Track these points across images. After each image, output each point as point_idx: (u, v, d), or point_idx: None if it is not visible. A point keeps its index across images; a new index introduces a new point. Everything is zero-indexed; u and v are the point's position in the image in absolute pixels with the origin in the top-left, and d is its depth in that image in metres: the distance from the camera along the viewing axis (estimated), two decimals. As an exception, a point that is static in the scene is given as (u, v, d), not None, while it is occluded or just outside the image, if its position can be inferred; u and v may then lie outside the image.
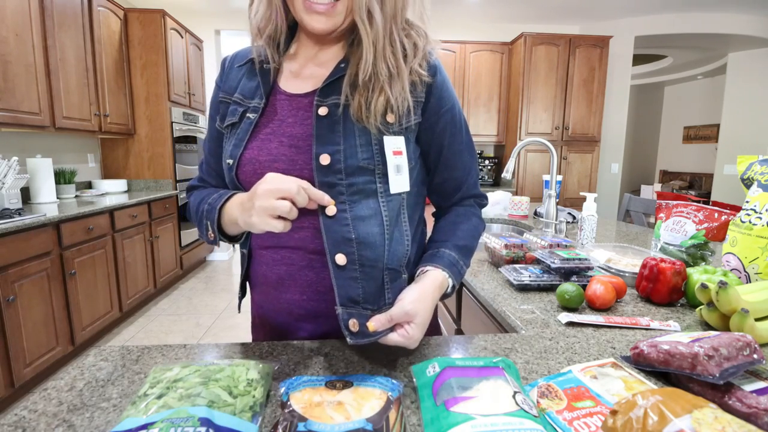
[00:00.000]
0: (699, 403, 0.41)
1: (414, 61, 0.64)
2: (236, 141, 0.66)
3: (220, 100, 0.72)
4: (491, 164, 4.39)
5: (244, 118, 0.67)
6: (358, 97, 0.61)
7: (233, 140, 0.66)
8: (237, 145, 0.65)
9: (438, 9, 4.14)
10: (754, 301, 0.72)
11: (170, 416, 0.43)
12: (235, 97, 0.69)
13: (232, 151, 0.66)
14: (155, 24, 3.44)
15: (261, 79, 0.67)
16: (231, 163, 0.66)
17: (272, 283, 0.69)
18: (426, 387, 0.51)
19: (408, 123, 0.65)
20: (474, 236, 0.73)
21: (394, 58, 0.62)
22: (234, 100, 0.69)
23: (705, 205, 1.23)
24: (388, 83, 0.62)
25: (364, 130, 0.62)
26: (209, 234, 0.66)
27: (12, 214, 1.99)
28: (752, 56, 4.97)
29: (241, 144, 0.65)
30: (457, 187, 0.74)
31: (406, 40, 0.64)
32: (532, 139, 1.68)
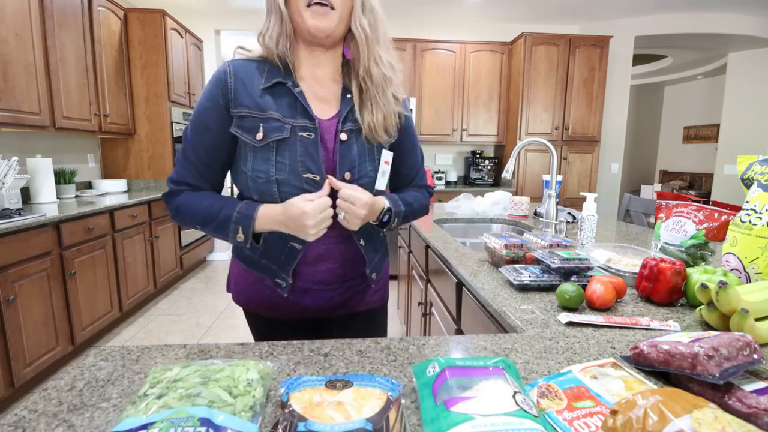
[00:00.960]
0: (699, 403, 0.41)
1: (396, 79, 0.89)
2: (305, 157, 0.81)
3: (242, 115, 0.81)
4: (491, 164, 4.39)
5: (297, 137, 0.81)
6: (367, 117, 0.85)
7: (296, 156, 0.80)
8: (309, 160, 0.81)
9: (438, 9, 4.14)
10: (754, 301, 0.72)
11: (170, 416, 0.43)
12: (270, 114, 0.81)
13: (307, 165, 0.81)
14: (155, 24, 3.44)
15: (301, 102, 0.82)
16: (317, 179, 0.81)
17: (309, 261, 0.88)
18: (426, 387, 0.51)
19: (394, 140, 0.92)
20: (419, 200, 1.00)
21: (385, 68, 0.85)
22: (271, 117, 0.80)
23: (705, 205, 1.23)
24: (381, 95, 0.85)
25: (370, 147, 0.87)
26: (238, 236, 0.81)
27: (12, 214, 1.99)
28: (752, 56, 4.97)
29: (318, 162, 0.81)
30: (410, 181, 1.03)
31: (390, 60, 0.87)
32: (532, 139, 1.68)
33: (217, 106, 0.81)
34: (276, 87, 0.82)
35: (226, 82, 0.81)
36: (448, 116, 4.24)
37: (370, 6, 0.83)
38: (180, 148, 0.85)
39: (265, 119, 0.80)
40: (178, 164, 0.84)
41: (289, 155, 0.80)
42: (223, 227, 0.81)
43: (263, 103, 0.81)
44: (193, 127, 0.83)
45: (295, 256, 0.86)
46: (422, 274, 1.86)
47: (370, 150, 0.87)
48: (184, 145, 0.84)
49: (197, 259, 4.12)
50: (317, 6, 0.76)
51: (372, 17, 0.83)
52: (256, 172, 0.81)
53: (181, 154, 0.84)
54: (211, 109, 0.82)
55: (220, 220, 0.81)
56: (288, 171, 0.80)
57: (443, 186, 4.27)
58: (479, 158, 4.38)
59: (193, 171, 0.84)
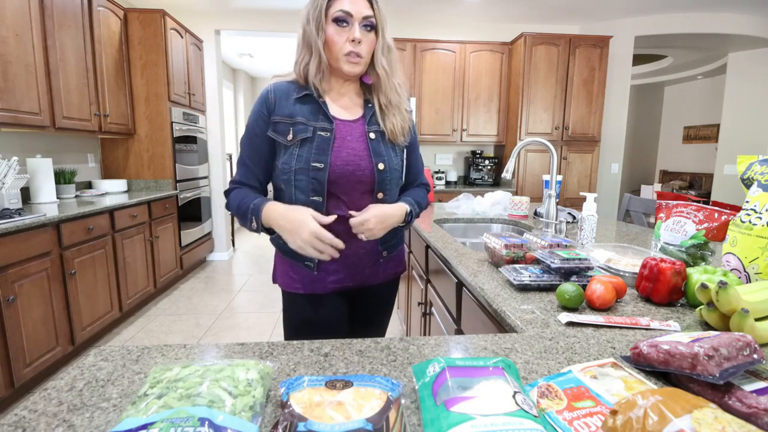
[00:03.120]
0: (699, 403, 0.41)
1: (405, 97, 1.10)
2: (317, 151, 0.98)
3: (276, 122, 1.00)
4: (491, 164, 4.39)
5: (317, 134, 0.99)
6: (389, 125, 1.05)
7: (311, 150, 0.98)
8: (321, 154, 0.98)
9: (438, 9, 4.14)
10: (754, 301, 0.72)
11: (170, 416, 0.43)
12: (298, 119, 0.99)
13: (318, 158, 0.98)
14: (155, 24, 3.44)
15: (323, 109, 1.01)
16: (322, 166, 0.97)
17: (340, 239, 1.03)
18: (426, 387, 0.51)
19: (407, 143, 1.12)
20: (422, 196, 1.19)
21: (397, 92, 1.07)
22: (299, 121, 0.99)
23: (705, 205, 1.23)
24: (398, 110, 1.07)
25: (393, 147, 1.07)
26: (252, 225, 0.99)
27: (12, 214, 1.99)
28: (752, 56, 4.97)
29: (326, 153, 0.98)
30: (414, 180, 1.22)
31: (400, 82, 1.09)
32: (532, 139, 1.68)
33: (262, 117, 1.02)
34: (305, 97, 1.02)
35: (269, 98, 1.02)
36: (448, 116, 4.24)
37: (387, 47, 1.04)
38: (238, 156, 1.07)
39: (294, 123, 0.99)
40: (237, 167, 1.07)
41: (306, 150, 0.98)
42: (245, 217, 1.00)
43: (293, 111, 1.00)
44: (247, 136, 1.05)
45: None
46: (422, 274, 1.86)
47: (394, 148, 1.07)
48: (241, 153, 1.06)
49: (197, 259, 4.12)
50: (353, 56, 0.97)
51: (389, 56, 1.04)
52: (283, 165, 1.00)
53: (239, 160, 1.07)
54: (258, 120, 1.02)
55: (243, 211, 1.01)
56: (303, 162, 0.98)
57: (443, 186, 4.27)
58: (479, 158, 4.38)
59: (246, 172, 1.06)
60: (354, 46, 0.96)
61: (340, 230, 1.00)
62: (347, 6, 0.95)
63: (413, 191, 1.19)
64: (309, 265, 1.06)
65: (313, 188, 0.98)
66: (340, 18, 0.95)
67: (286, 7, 4.07)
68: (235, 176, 1.08)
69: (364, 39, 0.97)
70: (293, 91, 1.02)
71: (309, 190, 0.99)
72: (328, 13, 0.96)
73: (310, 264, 1.05)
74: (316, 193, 0.99)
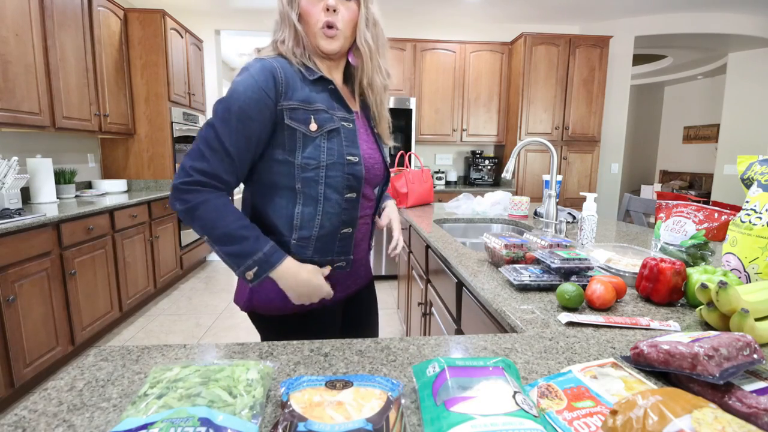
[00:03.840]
0: (699, 403, 0.41)
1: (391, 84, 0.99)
2: (348, 142, 0.89)
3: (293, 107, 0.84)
4: (491, 164, 4.39)
5: (341, 125, 0.88)
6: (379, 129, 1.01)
7: (341, 141, 0.88)
8: (352, 146, 0.89)
9: (438, 9, 4.14)
10: (754, 301, 0.72)
11: (170, 416, 0.43)
12: (318, 106, 0.86)
13: (350, 150, 0.88)
14: (155, 24, 3.44)
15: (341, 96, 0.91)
16: (357, 159, 0.89)
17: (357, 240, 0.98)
18: (426, 387, 0.51)
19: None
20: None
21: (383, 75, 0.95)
22: (319, 108, 0.86)
23: (705, 205, 1.23)
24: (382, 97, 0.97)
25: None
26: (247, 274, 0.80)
27: (12, 214, 1.99)
28: (752, 56, 4.97)
29: (356, 146, 0.90)
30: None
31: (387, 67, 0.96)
32: (532, 139, 1.68)
33: (264, 98, 0.81)
34: (319, 81, 0.89)
35: (276, 78, 0.83)
36: (448, 116, 4.24)
37: (373, 19, 0.91)
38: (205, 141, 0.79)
39: (315, 111, 0.86)
40: (209, 153, 0.79)
41: (336, 142, 0.87)
42: (239, 257, 0.80)
43: (310, 96, 0.86)
44: (235, 119, 0.79)
45: (351, 239, 0.95)
46: (422, 274, 1.86)
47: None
48: (218, 137, 0.79)
49: (197, 259, 4.12)
50: (330, 29, 0.85)
51: (375, 30, 0.92)
52: (306, 159, 0.85)
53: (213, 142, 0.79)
54: (258, 101, 0.81)
55: (240, 249, 0.79)
56: (336, 156, 0.87)
57: (443, 186, 4.27)
58: (479, 158, 4.38)
59: (227, 164, 0.80)
60: (329, 15, 0.84)
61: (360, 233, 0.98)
62: None
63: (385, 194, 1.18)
64: (342, 266, 0.95)
65: (348, 185, 0.88)
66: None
67: (286, 7, 4.07)
68: (201, 165, 0.78)
69: (342, 8, 0.85)
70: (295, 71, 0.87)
71: (344, 187, 0.88)
72: None
73: (342, 264, 0.94)
74: (352, 189, 0.89)
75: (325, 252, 0.91)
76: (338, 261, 0.94)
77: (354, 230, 0.94)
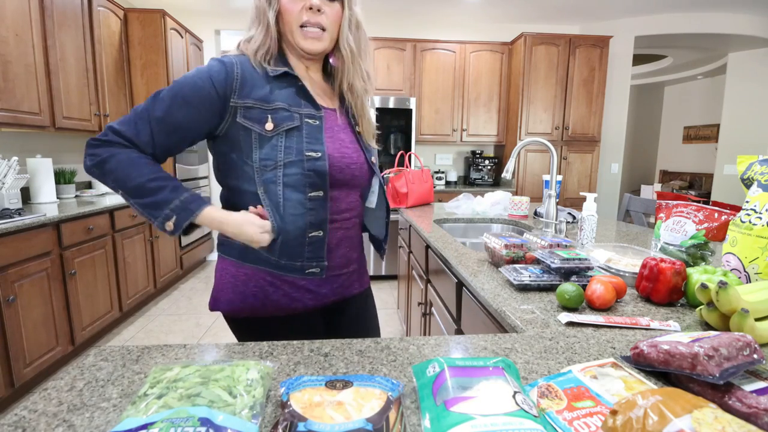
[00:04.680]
0: (699, 403, 0.41)
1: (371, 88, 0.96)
2: (310, 139, 0.84)
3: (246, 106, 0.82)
4: (491, 164, 4.39)
5: (304, 122, 0.85)
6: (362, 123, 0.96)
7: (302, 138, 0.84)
8: (314, 143, 0.84)
9: (438, 9, 4.13)
10: (754, 301, 0.72)
11: (170, 416, 0.43)
12: (278, 105, 0.83)
13: (311, 147, 0.84)
14: (155, 24, 3.44)
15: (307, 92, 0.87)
16: (318, 155, 0.84)
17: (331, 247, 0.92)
18: (426, 387, 0.51)
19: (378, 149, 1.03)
20: None
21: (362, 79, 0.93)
22: (279, 107, 0.83)
23: (705, 205, 1.23)
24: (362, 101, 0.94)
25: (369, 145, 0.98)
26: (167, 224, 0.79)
27: (12, 214, 1.99)
28: (752, 56, 4.96)
29: (320, 142, 0.85)
30: None
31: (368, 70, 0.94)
32: (532, 139, 1.68)
33: (208, 90, 0.80)
34: (284, 77, 0.86)
35: (232, 73, 0.81)
36: (448, 116, 4.24)
37: (356, 21, 0.89)
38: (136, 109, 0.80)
39: (274, 110, 0.83)
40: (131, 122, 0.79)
41: (296, 140, 0.83)
42: (155, 208, 0.78)
43: (271, 95, 0.83)
44: (172, 97, 0.79)
45: (322, 243, 0.88)
46: (422, 274, 1.86)
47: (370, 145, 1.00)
48: (148, 109, 0.79)
49: (197, 259, 4.12)
50: (311, 28, 0.83)
51: (357, 33, 0.90)
52: (264, 161, 0.83)
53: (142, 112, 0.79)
54: (202, 88, 0.80)
55: (155, 199, 0.78)
56: (294, 153, 0.83)
57: (443, 186, 4.27)
58: (479, 158, 4.38)
59: (145, 135, 0.79)
60: (311, 15, 0.82)
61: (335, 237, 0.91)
62: None
63: None
64: (314, 272, 0.88)
65: (311, 182, 0.83)
66: None
67: (286, 7, 4.07)
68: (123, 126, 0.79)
69: (326, 8, 0.83)
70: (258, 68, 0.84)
71: (305, 185, 0.83)
72: None
73: (316, 271, 0.88)
74: (316, 187, 0.84)
75: (293, 256, 0.86)
76: (309, 267, 0.88)
77: (325, 234, 0.88)
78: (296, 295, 0.89)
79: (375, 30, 4.26)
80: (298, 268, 0.87)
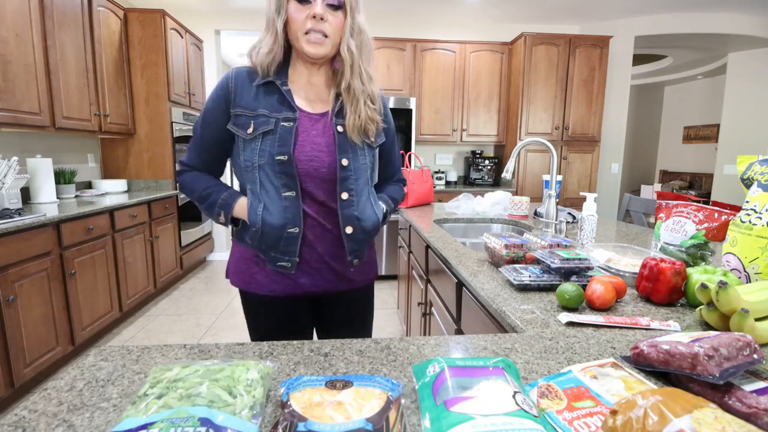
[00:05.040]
0: (699, 403, 0.41)
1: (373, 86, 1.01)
2: (281, 142, 0.92)
3: (237, 114, 0.95)
4: (491, 164, 4.39)
5: (279, 126, 0.93)
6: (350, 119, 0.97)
7: (275, 142, 0.92)
8: (283, 146, 0.92)
9: (438, 9, 4.14)
10: (754, 301, 0.72)
11: (170, 416, 0.43)
12: (260, 111, 0.94)
13: (280, 150, 0.92)
14: (155, 24, 3.44)
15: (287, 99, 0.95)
16: (285, 158, 0.92)
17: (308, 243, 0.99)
18: (426, 387, 0.51)
19: (378, 143, 1.06)
20: (399, 194, 1.20)
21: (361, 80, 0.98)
22: (260, 114, 0.94)
23: (705, 205, 1.23)
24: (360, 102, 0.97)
25: (362, 144, 1.00)
26: (220, 218, 0.99)
27: (12, 214, 1.99)
28: (752, 56, 4.96)
29: (288, 145, 0.92)
30: (393, 174, 1.21)
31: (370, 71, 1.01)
32: (532, 139, 1.68)
33: (219, 106, 0.97)
34: (268, 85, 0.96)
35: (228, 87, 0.96)
36: (448, 116, 4.24)
37: (358, 28, 0.95)
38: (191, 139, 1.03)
39: (256, 116, 0.94)
40: (188, 151, 1.04)
41: (269, 143, 0.93)
42: (211, 208, 1.00)
43: (255, 103, 0.95)
44: (201, 123, 1.00)
45: (296, 239, 0.97)
46: (422, 274, 1.86)
47: (363, 147, 1.01)
48: (194, 137, 1.02)
49: (197, 259, 4.12)
50: (314, 35, 0.90)
51: (359, 38, 0.96)
52: (246, 162, 0.95)
53: (191, 143, 1.03)
54: (214, 109, 0.97)
55: (209, 202, 1.00)
56: (267, 156, 0.93)
57: (443, 186, 4.27)
58: (479, 158, 4.38)
59: (197, 158, 1.03)
60: (315, 23, 0.89)
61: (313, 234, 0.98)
62: None
63: (389, 188, 1.19)
64: (284, 266, 0.98)
65: (283, 183, 0.93)
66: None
67: (286, 7, 4.07)
68: (185, 157, 1.04)
69: (329, 17, 0.90)
70: (255, 78, 0.95)
71: (279, 186, 0.93)
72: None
73: (286, 264, 0.98)
74: (288, 187, 0.93)
75: (270, 247, 0.97)
76: (281, 260, 0.97)
77: (300, 230, 0.96)
78: (276, 278, 1.00)
79: (375, 30, 4.25)
80: (272, 259, 0.98)
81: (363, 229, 1.01)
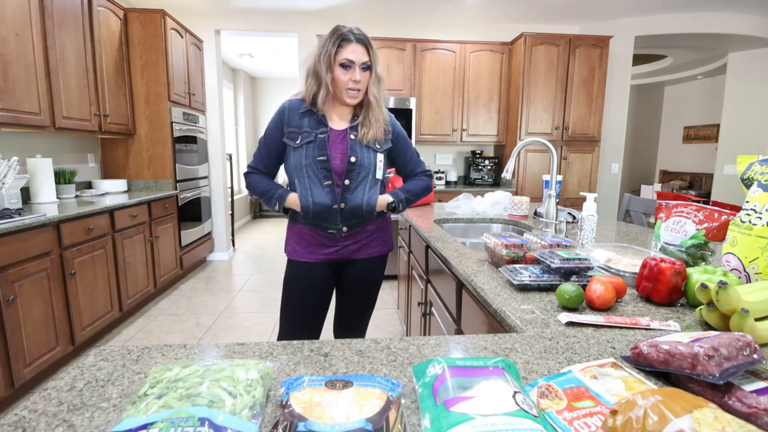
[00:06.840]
0: (699, 403, 0.41)
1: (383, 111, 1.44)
2: (320, 148, 1.34)
3: (289, 132, 1.37)
4: (491, 164, 4.39)
5: (317, 137, 1.35)
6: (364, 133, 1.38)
7: (315, 148, 1.34)
8: (322, 150, 1.34)
9: (438, 9, 4.13)
10: (754, 301, 0.72)
11: (170, 416, 0.43)
12: (304, 129, 1.36)
13: (320, 153, 1.34)
14: (155, 24, 3.44)
15: (323, 121, 1.37)
16: (325, 158, 1.34)
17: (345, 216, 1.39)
18: (426, 387, 0.51)
19: (383, 148, 1.43)
20: (417, 185, 1.51)
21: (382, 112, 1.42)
22: (305, 130, 1.36)
23: (705, 205, 1.23)
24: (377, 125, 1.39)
25: (368, 149, 1.39)
26: (275, 207, 1.40)
27: (12, 214, 1.99)
28: (752, 56, 4.96)
29: (325, 149, 1.34)
30: (412, 170, 1.53)
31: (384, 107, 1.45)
32: (532, 139, 1.68)
33: (277, 126, 1.39)
34: (308, 111, 1.38)
35: (283, 114, 1.38)
36: (448, 116, 4.24)
37: (378, 79, 1.38)
38: (256, 149, 1.45)
39: (302, 132, 1.36)
40: (254, 158, 1.45)
41: (311, 149, 1.35)
42: (270, 200, 1.40)
43: (302, 124, 1.37)
44: (264, 137, 1.42)
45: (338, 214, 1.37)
46: (422, 274, 1.86)
47: (369, 149, 1.40)
48: (259, 147, 1.44)
49: (197, 259, 4.12)
50: (353, 92, 1.33)
51: (379, 85, 1.38)
52: (295, 163, 1.36)
53: (256, 152, 1.45)
54: (274, 129, 1.40)
55: (269, 196, 1.40)
56: (310, 158, 1.34)
57: (443, 186, 4.27)
58: (479, 158, 4.38)
59: (260, 163, 1.44)
60: (354, 84, 1.31)
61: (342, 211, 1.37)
62: (351, 55, 1.29)
63: (409, 182, 1.51)
64: (333, 233, 1.39)
65: (324, 176, 1.34)
66: (345, 64, 1.29)
67: (286, 7, 4.07)
68: (252, 162, 1.46)
69: (362, 78, 1.32)
70: (301, 107, 1.38)
71: (321, 177, 1.34)
72: (336, 58, 1.29)
73: (334, 231, 1.39)
74: (328, 179, 1.34)
75: (321, 220, 1.38)
76: (330, 228, 1.39)
77: (338, 208, 1.36)
78: (312, 249, 1.43)
79: (375, 30, 4.26)
80: (323, 228, 1.39)
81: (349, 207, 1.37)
